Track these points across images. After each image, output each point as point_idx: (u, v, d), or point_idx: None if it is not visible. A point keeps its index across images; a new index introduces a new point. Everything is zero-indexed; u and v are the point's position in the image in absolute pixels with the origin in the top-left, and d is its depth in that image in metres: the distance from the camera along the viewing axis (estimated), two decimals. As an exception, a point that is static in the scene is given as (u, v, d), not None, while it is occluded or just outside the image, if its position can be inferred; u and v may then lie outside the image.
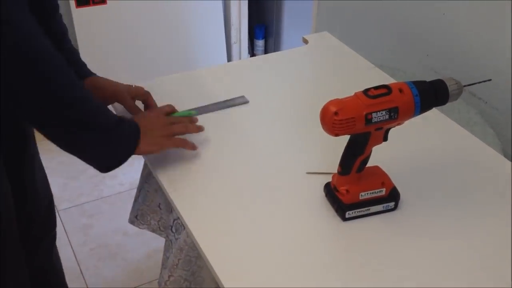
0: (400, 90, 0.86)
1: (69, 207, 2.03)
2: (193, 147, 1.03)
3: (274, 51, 2.71)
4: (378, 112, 0.85)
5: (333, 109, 0.84)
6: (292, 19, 2.59)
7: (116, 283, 1.78)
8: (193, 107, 1.18)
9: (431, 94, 0.87)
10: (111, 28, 2.27)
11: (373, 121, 0.85)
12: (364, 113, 0.84)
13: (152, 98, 1.12)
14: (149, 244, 1.87)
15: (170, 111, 1.07)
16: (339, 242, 0.90)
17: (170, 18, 2.38)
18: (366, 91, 0.86)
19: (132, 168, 1.38)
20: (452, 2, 1.43)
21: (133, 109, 1.09)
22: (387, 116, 0.85)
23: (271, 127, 1.15)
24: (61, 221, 1.97)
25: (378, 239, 0.89)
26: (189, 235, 0.92)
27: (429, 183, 1.00)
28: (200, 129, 1.06)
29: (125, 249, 1.88)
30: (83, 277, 1.79)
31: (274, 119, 1.17)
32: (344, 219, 0.92)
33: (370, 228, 0.91)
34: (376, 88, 0.86)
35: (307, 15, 2.12)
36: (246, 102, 1.21)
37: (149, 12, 2.32)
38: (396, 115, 0.86)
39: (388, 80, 1.27)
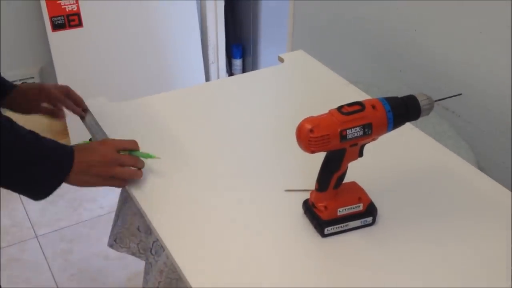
0: (373, 106, 0.88)
1: (48, 232, 2.00)
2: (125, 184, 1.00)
3: (252, 69, 2.73)
4: (352, 129, 0.86)
5: (308, 126, 0.85)
6: (268, 38, 2.62)
7: (97, 308, 1.76)
8: (170, 128, 1.18)
9: (403, 110, 0.89)
10: (88, 51, 2.27)
11: (347, 137, 0.86)
12: (339, 129, 0.86)
13: (73, 92, 1.17)
14: (129, 267, 1.85)
15: (129, 148, 1.01)
16: (318, 258, 0.90)
17: (147, 39, 2.38)
18: (340, 108, 0.88)
19: (111, 191, 1.37)
20: (423, 18, 1.47)
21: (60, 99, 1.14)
22: (361, 132, 0.87)
23: (248, 146, 1.15)
24: (41, 246, 1.95)
25: (357, 254, 0.90)
26: (168, 257, 0.91)
27: (406, 197, 1.01)
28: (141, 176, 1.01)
29: (106, 274, 1.85)
30: (64, 303, 1.77)
31: (251, 137, 1.18)
32: (323, 235, 0.92)
33: (349, 244, 0.91)
34: (349, 105, 0.88)
35: (283, 33, 2.15)
36: None
37: (126, 34, 2.33)
38: (370, 131, 0.87)
39: (363, 96, 1.29)
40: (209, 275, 0.86)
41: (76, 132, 2.31)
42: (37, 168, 0.88)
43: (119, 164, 0.97)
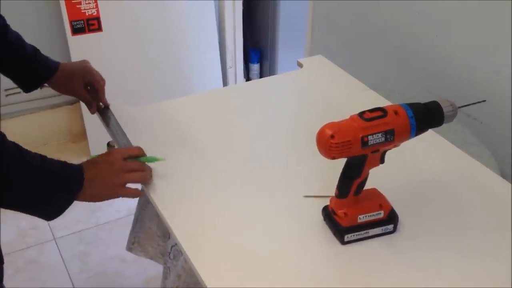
0: (396, 112, 0.87)
1: (66, 235, 2.02)
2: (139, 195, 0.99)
3: (269, 75, 2.72)
4: (374, 135, 0.85)
5: (329, 132, 0.84)
6: (286, 42, 2.61)
7: (114, 311, 1.76)
8: (188, 132, 1.18)
9: (426, 116, 0.88)
10: (107, 55, 2.28)
11: (369, 143, 0.85)
12: (360, 135, 0.84)
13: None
14: (147, 271, 1.85)
15: (135, 155, 1.01)
16: (338, 265, 0.89)
17: (165, 44, 2.39)
18: (361, 114, 0.87)
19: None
20: (445, 23, 1.45)
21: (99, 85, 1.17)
22: (383, 139, 0.86)
23: (267, 151, 1.15)
24: (58, 249, 1.96)
25: (377, 263, 0.89)
26: (187, 261, 0.91)
27: (427, 205, 1.00)
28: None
29: (123, 277, 1.86)
30: (81, 305, 1.77)
31: (270, 143, 1.18)
32: (343, 242, 0.91)
33: (369, 251, 0.90)
34: (371, 110, 0.87)
35: (301, 38, 2.14)
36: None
37: (144, 39, 2.34)
38: (392, 137, 0.86)
39: (383, 102, 1.28)
40: (227, 280, 0.85)
41: (95, 135, 2.33)
42: (47, 192, 0.87)
43: (127, 171, 0.96)
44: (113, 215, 2.09)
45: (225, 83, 2.65)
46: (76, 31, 2.18)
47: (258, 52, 2.74)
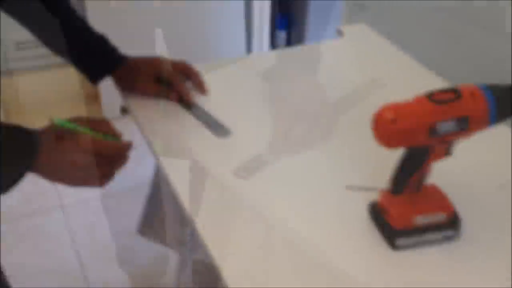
0: (472, 95, 0.71)
1: (75, 203, 1.94)
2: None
3: (298, 42, 2.56)
4: (445, 122, 0.71)
5: (389, 116, 0.71)
6: (319, 8, 2.44)
7: (121, 288, 1.67)
8: (212, 108, 1.04)
9: (511, 101, 0.72)
10: (128, 18, 2.16)
11: (438, 132, 0.71)
12: (428, 122, 0.70)
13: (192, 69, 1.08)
14: (155, 247, 1.75)
15: (106, 131, 0.85)
16: (386, 275, 0.76)
17: (189, 6, 2.30)
18: (430, 95, 0.72)
19: (143, 164, 1.28)
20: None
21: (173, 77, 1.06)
22: (455, 127, 0.71)
23: (303, 133, 1.00)
24: (65, 218, 1.87)
25: (434, 274, 0.75)
26: (207, 255, 0.78)
27: (499, 208, 0.85)
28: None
29: (131, 251, 1.77)
30: (86, 280, 1.69)
31: (305, 124, 1.03)
32: (394, 247, 0.77)
33: (425, 261, 0.77)
34: (442, 91, 0.72)
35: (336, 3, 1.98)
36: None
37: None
38: (466, 126, 0.71)
39: (443, 85, 1.12)
40: (253, 279, 0.73)
41: (108, 97, 2.23)
42: None
43: (92, 168, 0.81)
44: (125, 184, 1.98)
45: (249, 49, 2.52)
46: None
47: (286, 17, 2.58)
